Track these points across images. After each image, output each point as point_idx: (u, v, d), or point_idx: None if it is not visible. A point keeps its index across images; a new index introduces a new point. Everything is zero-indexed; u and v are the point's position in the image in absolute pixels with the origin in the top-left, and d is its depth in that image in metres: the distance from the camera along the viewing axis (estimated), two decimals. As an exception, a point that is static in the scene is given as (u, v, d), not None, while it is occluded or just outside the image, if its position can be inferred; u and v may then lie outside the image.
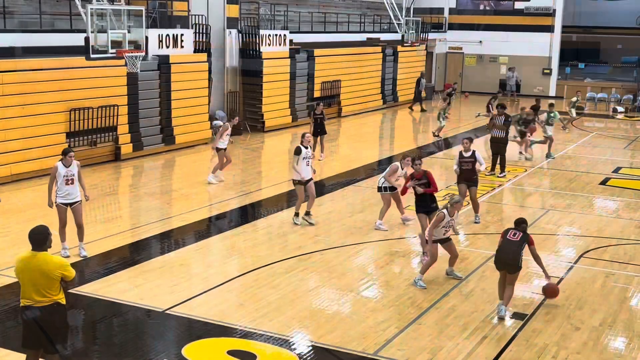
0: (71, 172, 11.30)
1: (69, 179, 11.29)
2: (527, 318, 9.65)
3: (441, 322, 9.41)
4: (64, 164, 11.28)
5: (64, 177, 11.26)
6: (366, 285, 10.76)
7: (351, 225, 13.83)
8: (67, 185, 11.29)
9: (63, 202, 11.36)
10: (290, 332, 9.02)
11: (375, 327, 9.20)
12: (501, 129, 18.31)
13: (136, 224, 13.87)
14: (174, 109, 21.22)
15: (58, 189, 11.32)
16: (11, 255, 11.12)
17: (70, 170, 11.30)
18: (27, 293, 6.80)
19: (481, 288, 10.66)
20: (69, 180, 11.29)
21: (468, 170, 14.12)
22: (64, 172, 11.26)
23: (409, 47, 34.69)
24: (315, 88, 28.36)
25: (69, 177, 11.28)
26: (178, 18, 22.09)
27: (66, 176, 11.27)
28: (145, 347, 8.68)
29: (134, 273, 10.96)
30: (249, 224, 13.90)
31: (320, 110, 20.37)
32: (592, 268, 11.78)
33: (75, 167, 11.35)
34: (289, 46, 26.43)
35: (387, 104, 33.74)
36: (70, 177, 11.30)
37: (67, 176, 11.27)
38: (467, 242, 13.04)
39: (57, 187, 11.32)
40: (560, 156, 21.75)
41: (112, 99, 19.10)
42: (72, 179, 11.32)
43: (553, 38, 38.62)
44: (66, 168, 11.28)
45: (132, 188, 17.36)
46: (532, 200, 16.78)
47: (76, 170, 11.36)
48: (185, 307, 9.68)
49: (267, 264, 11.46)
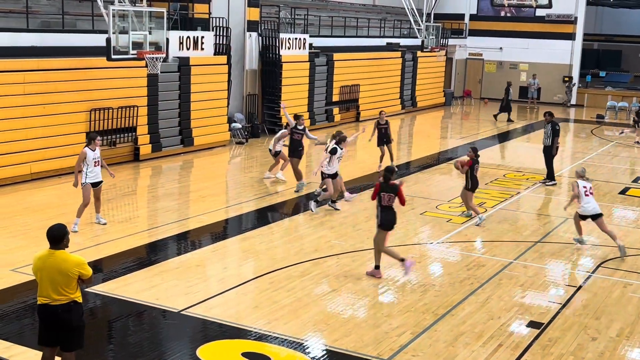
0: (97, 155, 12.83)
1: (96, 161, 12.77)
2: (543, 327, 9.58)
3: (456, 329, 9.36)
4: (91, 149, 12.74)
5: (93, 159, 12.72)
6: (381, 291, 10.74)
7: (367, 230, 13.80)
8: (95, 166, 12.75)
9: (92, 182, 12.80)
10: (305, 335, 9.02)
11: (390, 332, 9.18)
12: (548, 136, 18.27)
13: (153, 224, 13.94)
14: (193, 110, 21.32)
15: (89, 171, 12.71)
16: (30, 253, 11.21)
17: (96, 154, 12.81)
18: (45, 291, 6.84)
19: (497, 295, 10.60)
20: (96, 162, 12.77)
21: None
22: (92, 155, 12.72)
23: (429, 52, 34.63)
24: (333, 92, 28.39)
25: (96, 159, 12.78)
26: (199, 20, 22.19)
27: (95, 159, 12.75)
28: (160, 347, 8.71)
29: (151, 273, 11.01)
30: (265, 227, 13.93)
31: (384, 120, 19.49)
32: (610, 278, 11.68)
33: (98, 150, 12.90)
34: (308, 50, 26.48)
35: (405, 109, 33.69)
36: (97, 159, 12.81)
37: (95, 159, 12.75)
38: (483, 250, 12.98)
39: (87, 169, 12.70)
40: (580, 165, 21.60)
41: (132, 99, 19.23)
42: (99, 160, 12.84)
43: (574, 45, 38.38)
44: (93, 152, 12.73)
45: (150, 189, 17.45)
46: (550, 209, 16.67)
47: (99, 154, 12.92)
48: (200, 308, 9.71)
49: (283, 266, 11.47)
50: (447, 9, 39.62)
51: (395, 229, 11.51)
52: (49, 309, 6.84)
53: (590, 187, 12.94)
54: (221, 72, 22.35)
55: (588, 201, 12.77)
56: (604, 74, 42.15)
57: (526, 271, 11.78)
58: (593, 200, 12.86)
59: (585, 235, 14.07)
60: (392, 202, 11.00)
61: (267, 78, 25.40)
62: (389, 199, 10.98)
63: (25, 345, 8.33)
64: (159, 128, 20.22)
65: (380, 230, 11.12)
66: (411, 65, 33.96)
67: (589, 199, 12.78)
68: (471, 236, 13.79)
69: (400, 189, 11.02)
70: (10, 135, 16.26)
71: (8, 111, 16.27)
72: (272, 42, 25.10)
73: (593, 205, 12.81)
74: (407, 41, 34.60)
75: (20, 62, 16.65)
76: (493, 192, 17.37)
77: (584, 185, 12.84)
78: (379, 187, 11.05)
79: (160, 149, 20.11)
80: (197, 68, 21.24)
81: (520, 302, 10.40)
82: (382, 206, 11.02)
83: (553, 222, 15.18)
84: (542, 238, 13.74)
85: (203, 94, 21.60)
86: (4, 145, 16.09)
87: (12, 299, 9.96)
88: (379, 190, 11.04)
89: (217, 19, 22.69)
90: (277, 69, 25.09)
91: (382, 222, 11.06)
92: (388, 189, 10.99)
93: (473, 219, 14.61)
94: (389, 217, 11.05)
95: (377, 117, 19.92)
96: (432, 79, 36.53)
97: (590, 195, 12.83)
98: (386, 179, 11.04)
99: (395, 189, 10.97)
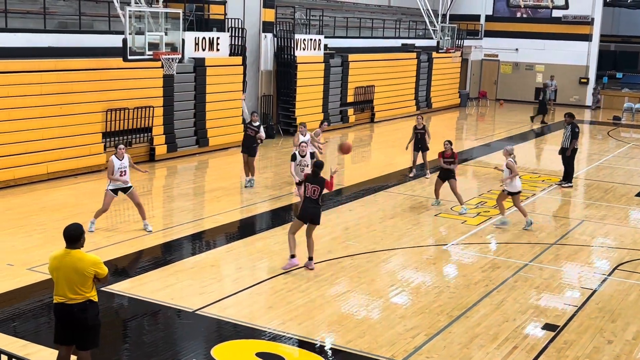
0: (124, 165, 12.71)
1: (122, 171, 12.66)
2: (558, 329, 9.52)
3: (471, 331, 9.33)
4: (117, 158, 12.68)
5: (119, 169, 12.61)
6: (396, 292, 10.72)
7: (382, 231, 13.80)
8: (121, 176, 12.66)
9: (113, 188, 12.74)
10: (319, 336, 9.02)
11: (405, 333, 9.16)
12: (567, 137, 18.18)
13: (169, 224, 13.99)
14: (208, 111, 21.39)
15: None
16: (46, 252, 11.29)
17: (123, 163, 12.71)
18: (61, 290, 6.89)
19: (513, 298, 10.55)
20: (122, 172, 12.66)
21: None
22: (118, 164, 12.63)
23: (444, 53, 34.54)
24: (348, 93, 28.38)
25: (122, 169, 12.66)
26: (214, 21, 22.26)
27: (120, 169, 12.63)
28: (174, 346, 8.74)
29: (166, 273, 11.06)
30: (279, 227, 13.93)
31: (421, 125, 18.61)
32: (627, 281, 11.59)
33: (126, 159, 12.78)
34: (323, 51, 26.49)
35: (420, 110, 33.59)
36: (124, 169, 12.69)
37: (121, 169, 12.64)
38: (498, 252, 12.93)
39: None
40: (597, 167, 21.48)
41: (147, 100, 19.33)
42: (125, 171, 12.71)
43: (591, 47, 38.14)
44: (120, 161, 12.65)
45: (165, 189, 17.52)
46: (567, 211, 16.58)
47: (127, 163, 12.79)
48: (215, 308, 9.74)
49: (297, 267, 11.47)
50: (462, 10, 39.51)
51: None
52: (65, 307, 6.89)
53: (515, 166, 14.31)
54: (236, 72, 22.40)
55: (518, 179, 14.14)
56: (620, 75, 41.84)
57: (542, 273, 11.72)
58: (519, 180, 14.24)
59: (601, 237, 14.00)
60: (317, 194, 11.21)
61: (282, 79, 25.44)
62: (313, 191, 11.19)
63: (41, 344, 8.39)
64: (175, 128, 20.31)
65: (296, 220, 11.45)
66: (426, 66, 33.89)
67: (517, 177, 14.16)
68: (486, 238, 13.74)
69: (328, 181, 11.31)
70: (27, 135, 16.39)
71: (25, 111, 16.40)
72: (287, 43, 25.13)
73: (519, 182, 14.20)
74: (423, 42, 34.52)
75: (38, 63, 16.77)
76: (508, 194, 17.27)
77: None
78: (306, 178, 11.41)
79: (175, 149, 20.19)
80: (212, 69, 21.31)
81: (536, 305, 10.35)
82: (305, 197, 11.27)
83: (569, 224, 15.10)
84: (558, 240, 13.66)
85: (218, 95, 21.67)
86: (21, 145, 16.21)
87: (28, 297, 10.03)
88: (305, 181, 11.39)
89: (233, 19, 22.75)
90: (292, 69, 25.13)
91: (300, 213, 11.36)
92: (314, 181, 11.24)
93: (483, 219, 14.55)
94: (308, 209, 11.25)
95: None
96: (448, 80, 36.43)
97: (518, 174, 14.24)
98: (314, 174, 11.30)
99: (322, 182, 11.22)
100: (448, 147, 15.34)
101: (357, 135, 26.93)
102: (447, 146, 15.32)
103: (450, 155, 15.31)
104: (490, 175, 19.01)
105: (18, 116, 16.26)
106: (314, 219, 11.32)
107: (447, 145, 15.36)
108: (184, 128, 20.68)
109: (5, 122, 16.01)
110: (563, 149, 18.35)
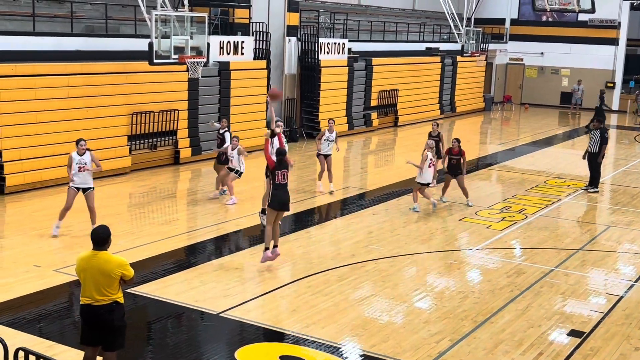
0: (83, 160, 12.32)
1: (80, 166, 12.31)
2: (584, 336, 9.42)
3: (496, 337, 9.26)
4: (78, 153, 12.31)
5: (77, 164, 12.28)
6: (420, 296, 10.67)
7: (406, 235, 13.76)
8: (80, 171, 12.31)
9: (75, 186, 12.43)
10: (343, 340, 9.01)
11: (429, 338, 9.12)
12: (595, 142, 18.01)
13: (193, 227, 14.06)
14: (232, 114, 21.48)
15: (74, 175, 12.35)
16: (72, 254, 11.42)
17: (83, 158, 12.33)
18: (88, 291, 6.94)
19: (538, 303, 10.46)
20: (81, 168, 12.32)
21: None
22: (77, 159, 12.27)
23: (469, 57, 34.39)
24: (372, 97, 28.36)
25: (81, 164, 12.31)
26: (239, 25, 22.37)
27: (79, 164, 12.30)
28: (198, 349, 8.78)
29: (190, 275, 11.11)
30: (302, 231, 13.95)
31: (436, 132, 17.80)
32: (654, 287, 11.44)
33: (87, 155, 12.37)
34: (347, 54, 26.49)
35: (444, 114, 33.49)
36: (83, 165, 12.32)
37: (79, 164, 12.30)
38: (523, 257, 12.83)
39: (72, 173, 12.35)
40: (623, 172, 21.24)
41: (172, 103, 19.46)
42: (83, 166, 12.33)
43: (617, 51, 37.75)
44: (79, 157, 12.32)
45: (189, 192, 17.60)
46: (593, 216, 16.42)
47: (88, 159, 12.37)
48: (238, 311, 9.77)
49: (320, 271, 11.48)
50: (487, 14, 39.33)
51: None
52: (91, 309, 6.94)
53: (434, 159, 15.57)
54: (260, 76, 22.47)
55: (428, 172, 15.24)
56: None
57: (567, 279, 11.61)
58: (431, 172, 15.32)
59: (628, 243, 13.85)
60: (286, 179, 11.25)
61: (306, 82, 25.47)
62: (283, 176, 11.23)
63: (67, 344, 8.46)
64: (199, 132, 20.42)
65: (270, 210, 11.33)
66: (451, 70, 33.76)
67: (429, 170, 15.23)
68: (511, 243, 13.65)
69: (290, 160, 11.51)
70: (54, 137, 16.56)
71: (52, 114, 16.58)
72: (311, 46, 25.17)
73: (430, 175, 15.32)
74: (447, 46, 34.40)
75: (65, 66, 16.96)
76: (534, 199, 17.16)
77: (431, 158, 15.31)
78: (273, 168, 11.25)
79: (200, 152, 20.30)
80: (237, 72, 21.41)
81: (561, 311, 10.25)
82: (275, 184, 11.20)
83: (595, 229, 14.95)
84: (584, 246, 13.53)
85: (242, 98, 21.75)
86: (47, 148, 16.39)
87: (55, 299, 10.13)
88: (273, 170, 11.24)
89: (257, 23, 22.84)
90: (315, 73, 25.16)
91: (271, 201, 11.28)
92: (281, 167, 11.24)
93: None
94: (279, 196, 11.21)
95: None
96: (472, 84, 36.27)
97: (432, 167, 15.35)
98: (279, 162, 11.25)
99: (287, 165, 11.32)
100: (455, 144, 15.90)
101: (380, 139, 26.89)
102: (454, 144, 15.93)
103: (457, 152, 15.88)
104: (515, 180, 18.87)
105: (45, 119, 16.45)
106: (285, 205, 11.36)
107: (455, 143, 15.94)
108: (209, 131, 20.75)
109: (33, 125, 16.20)
110: (589, 153, 18.16)
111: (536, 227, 14.62)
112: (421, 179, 15.36)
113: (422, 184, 15.42)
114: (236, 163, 15.52)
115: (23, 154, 15.98)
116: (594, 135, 18.15)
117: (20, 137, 15.98)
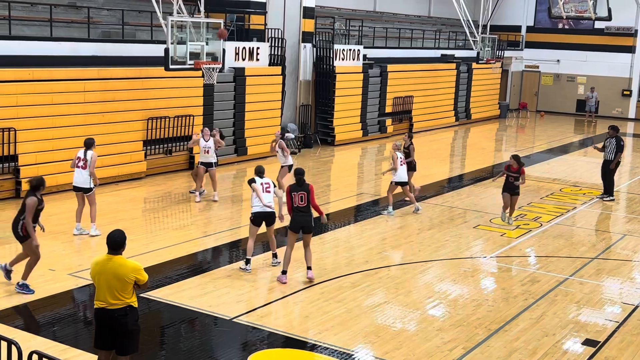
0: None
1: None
2: (599, 345, 9.35)
3: (509, 346, 9.21)
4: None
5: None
6: (433, 304, 10.64)
7: (419, 242, 13.72)
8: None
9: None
10: (356, 347, 8.99)
11: (442, 346, 9.08)
12: (611, 151, 17.90)
13: (207, 232, 14.10)
14: (247, 120, 21.55)
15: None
16: (87, 257, 11.48)
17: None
18: (102, 295, 6.98)
19: (552, 312, 10.40)
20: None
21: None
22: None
23: (484, 64, 34.31)
24: (387, 103, 28.36)
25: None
26: (255, 31, 22.44)
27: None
28: (211, 354, 8.79)
29: (203, 280, 11.13)
30: (316, 237, 13.93)
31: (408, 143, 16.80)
32: (670, 297, 11.34)
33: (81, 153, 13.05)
34: (362, 61, 26.51)
35: (459, 121, 33.42)
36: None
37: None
38: (538, 265, 12.76)
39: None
40: (639, 180, 21.09)
41: (188, 109, 19.54)
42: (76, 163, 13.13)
43: (634, 59, 37.51)
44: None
45: (204, 197, 17.64)
46: (608, 225, 16.30)
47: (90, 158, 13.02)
48: (252, 317, 9.78)
49: (333, 277, 11.47)
50: (503, 21, 39.23)
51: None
52: (105, 312, 6.98)
53: (403, 157, 15.61)
54: (275, 82, 22.54)
55: (402, 170, 15.39)
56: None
57: (582, 288, 11.54)
58: (405, 169, 15.48)
59: (644, 252, 13.74)
60: (305, 201, 10.97)
61: (321, 89, 25.51)
62: (300, 199, 10.97)
63: (81, 348, 8.50)
64: (214, 137, 20.46)
65: (290, 232, 11.14)
66: (466, 77, 33.70)
67: (402, 168, 15.41)
68: (525, 251, 13.58)
69: (311, 187, 11.10)
70: (70, 142, 16.63)
71: (68, 119, 16.70)
72: (327, 53, 25.22)
73: (404, 173, 15.46)
74: (462, 53, 34.36)
75: (81, 71, 17.08)
76: (549, 207, 17.08)
77: (400, 157, 15.45)
78: (290, 190, 11.07)
79: (214, 157, 20.33)
80: (252, 78, 21.47)
81: (576, 320, 10.18)
82: (293, 207, 11.00)
83: (611, 238, 14.85)
84: (599, 254, 13.44)
85: (257, 104, 21.81)
86: (64, 152, 16.47)
87: (69, 302, 10.19)
88: (289, 192, 11.05)
89: (273, 30, 22.90)
90: (330, 79, 25.19)
91: (290, 224, 11.12)
92: (300, 189, 11.02)
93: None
94: (297, 219, 11.01)
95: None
96: (487, 91, 36.18)
97: (403, 165, 15.46)
98: (298, 181, 11.07)
99: (307, 188, 11.01)
100: (514, 161, 14.96)
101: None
102: (513, 160, 14.98)
103: (516, 170, 14.89)
104: (530, 188, 18.78)
105: (61, 123, 16.56)
106: (306, 228, 11.10)
107: (513, 159, 15.00)
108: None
109: (49, 130, 16.32)
110: (605, 161, 18.04)
111: (551, 235, 14.54)
112: (397, 178, 15.42)
113: (399, 182, 15.48)
114: (212, 154, 16.14)
115: (39, 158, 16.10)
116: (609, 143, 18.03)
117: (36, 142, 16.10)
